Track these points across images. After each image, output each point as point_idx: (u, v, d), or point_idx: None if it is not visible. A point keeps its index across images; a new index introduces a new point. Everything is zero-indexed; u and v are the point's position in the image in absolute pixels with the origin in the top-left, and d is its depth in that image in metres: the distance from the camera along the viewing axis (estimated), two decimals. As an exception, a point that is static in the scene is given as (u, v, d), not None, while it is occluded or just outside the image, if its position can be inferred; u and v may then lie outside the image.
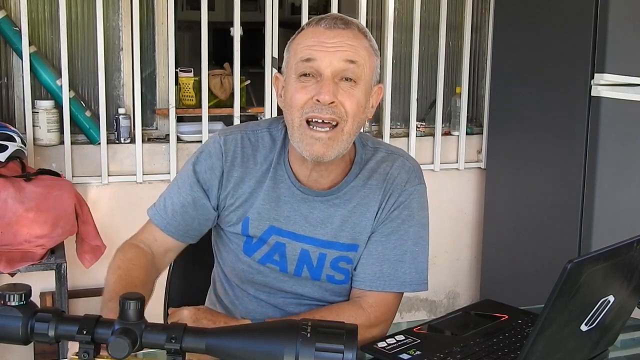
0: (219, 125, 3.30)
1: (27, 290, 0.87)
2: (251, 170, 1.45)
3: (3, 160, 2.61)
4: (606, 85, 2.75)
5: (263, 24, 3.17)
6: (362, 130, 1.48)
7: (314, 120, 1.33)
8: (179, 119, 3.19)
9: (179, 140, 3.10)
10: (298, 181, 1.44)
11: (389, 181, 1.46)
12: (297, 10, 4.58)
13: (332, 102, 1.32)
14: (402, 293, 1.46)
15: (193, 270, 1.76)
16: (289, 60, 1.39)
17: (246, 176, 1.44)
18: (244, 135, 1.47)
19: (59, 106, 2.89)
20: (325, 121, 1.33)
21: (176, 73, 3.11)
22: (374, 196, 1.45)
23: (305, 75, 1.34)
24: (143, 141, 3.02)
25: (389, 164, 1.48)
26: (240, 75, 3.19)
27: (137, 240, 1.48)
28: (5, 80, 2.92)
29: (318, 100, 1.31)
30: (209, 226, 1.51)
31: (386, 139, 3.35)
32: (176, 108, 3.07)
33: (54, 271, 2.54)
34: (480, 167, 3.56)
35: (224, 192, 1.45)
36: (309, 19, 3.13)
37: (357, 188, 1.45)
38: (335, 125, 1.33)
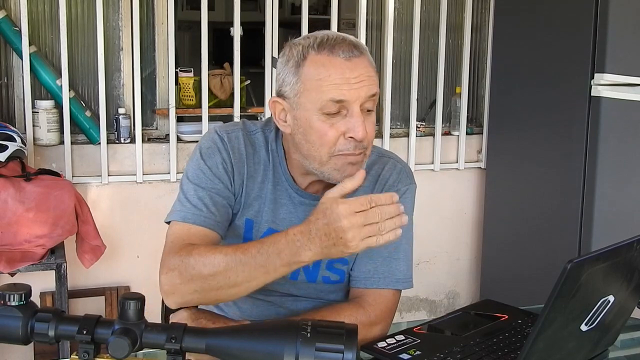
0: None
1: (27, 290, 0.86)
2: (252, 170, 1.45)
3: (3, 160, 2.61)
4: (606, 85, 2.75)
5: (263, 24, 3.17)
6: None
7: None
8: (179, 119, 3.20)
9: (179, 140, 3.10)
10: (295, 184, 1.45)
11: (380, 182, 1.48)
12: (297, 10, 4.59)
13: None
14: (400, 291, 1.47)
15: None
16: (302, 91, 1.33)
17: (251, 175, 1.44)
18: (244, 134, 1.46)
19: (59, 106, 2.89)
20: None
21: (176, 73, 3.11)
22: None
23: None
24: (143, 141, 3.02)
25: (380, 166, 1.50)
26: (240, 75, 3.19)
27: (182, 244, 1.34)
28: (5, 80, 2.92)
29: (351, 137, 1.31)
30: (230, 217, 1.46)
31: (386, 139, 3.35)
32: (176, 108, 3.07)
33: (54, 271, 2.54)
34: (480, 167, 3.56)
35: (234, 187, 1.44)
36: (309, 18, 3.19)
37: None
38: None
